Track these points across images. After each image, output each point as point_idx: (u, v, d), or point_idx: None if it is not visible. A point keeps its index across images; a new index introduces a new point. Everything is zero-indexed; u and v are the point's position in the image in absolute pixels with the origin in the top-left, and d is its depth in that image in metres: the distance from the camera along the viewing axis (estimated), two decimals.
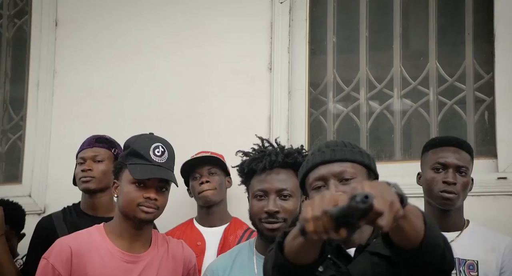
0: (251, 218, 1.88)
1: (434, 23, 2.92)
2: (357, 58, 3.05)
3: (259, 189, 1.84)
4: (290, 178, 1.85)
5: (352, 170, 1.47)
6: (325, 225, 1.09)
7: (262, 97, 3.08)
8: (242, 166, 1.90)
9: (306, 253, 1.28)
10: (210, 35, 3.21)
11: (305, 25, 3.14)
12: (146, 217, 1.94)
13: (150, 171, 1.93)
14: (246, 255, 1.91)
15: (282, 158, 1.84)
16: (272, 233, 1.79)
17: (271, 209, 1.81)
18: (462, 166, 2.12)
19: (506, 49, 2.72)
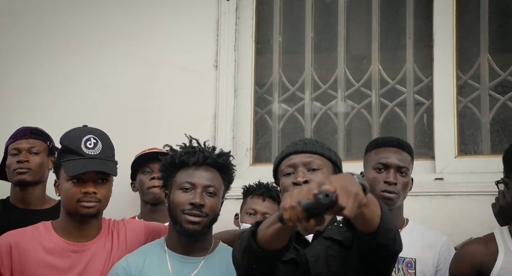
0: (172, 210, 1.87)
1: (377, 27, 2.99)
2: (302, 59, 3.09)
3: (187, 181, 1.86)
4: (217, 178, 1.89)
5: (320, 162, 1.70)
6: (298, 215, 1.29)
7: (208, 94, 3.08)
8: (172, 157, 1.89)
9: (278, 239, 1.48)
10: (156, 31, 3.18)
11: (252, 24, 3.15)
12: (88, 212, 1.91)
13: (82, 165, 1.89)
14: (157, 254, 1.90)
15: (215, 157, 1.89)
16: (192, 226, 1.83)
17: (197, 201, 1.83)
18: (403, 167, 2.18)
19: (444, 54, 2.82)
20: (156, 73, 3.14)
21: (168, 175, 1.92)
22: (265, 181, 2.66)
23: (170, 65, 3.13)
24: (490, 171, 2.45)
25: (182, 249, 1.89)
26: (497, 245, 1.83)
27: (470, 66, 2.84)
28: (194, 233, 1.84)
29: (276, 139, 3.08)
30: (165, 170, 1.93)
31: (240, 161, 3.03)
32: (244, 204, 2.64)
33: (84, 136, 1.94)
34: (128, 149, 2.86)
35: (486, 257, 1.81)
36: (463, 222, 2.51)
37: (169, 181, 1.92)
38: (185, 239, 1.87)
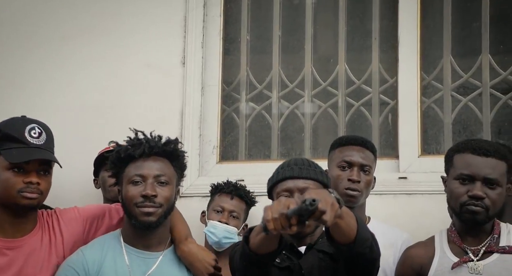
0: (125, 204, 1.86)
1: (343, 28, 3.02)
2: (270, 57, 3.10)
3: (136, 174, 1.84)
4: (167, 167, 1.88)
5: (314, 187, 1.80)
6: (282, 223, 1.46)
7: (175, 91, 3.07)
8: (118, 153, 1.88)
9: (267, 245, 1.63)
10: (121, 26, 3.15)
11: (219, 22, 3.15)
12: (29, 203, 1.83)
13: (28, 154, 1.82)
14: (113, 247, 1.87)
15: (162, 145, 1.88)
16: (148, 217, 1.81)
17: (149, 192, 1.82)
18: (366, 165, 2.23)
19: (409, 55, 2.87)
20: (121, 69, 3.10)
21: (118, 171, 1.91)
22: (234, 180, 2.68)
23: (136, 61, 3.10)
24: None
25: (139, 244, 1.88)
26: (434, 248, 1.89)
27: (433, 67, 2.90)
28: (150, 224, 1.82)
29: (243, 137, 3.09)
30: (114, 167, 1.91)
31: (206, 158, 3.03)
32: (211, 201, 2.64)
33: (28, 124, 1.87)
34: (92, 146, 2.84)
35: (424, 260, 1.87)
36: (426, 221, 2.56)
37: (119, 177, 1.91)
38: (142, 233, 1.86)
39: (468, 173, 1.83)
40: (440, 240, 1.91)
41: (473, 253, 1.82)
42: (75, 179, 2.93)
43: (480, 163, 1.82)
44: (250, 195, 2.65)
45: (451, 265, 1.82)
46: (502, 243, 1.82)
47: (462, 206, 1.83)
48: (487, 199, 1.81)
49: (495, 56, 2.82)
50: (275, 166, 2.43)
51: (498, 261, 1.79)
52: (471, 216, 1.82)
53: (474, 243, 1.84)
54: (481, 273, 1.77)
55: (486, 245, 1.82)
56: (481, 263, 1.78)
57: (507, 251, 1.79)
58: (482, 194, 1.80)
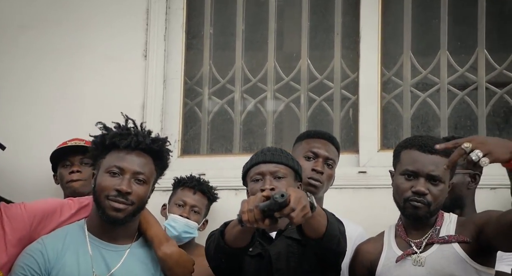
0: (96, 192, 1.78)
1: (306, 23, 3.04)
2: (233, 52, 3.10)
3: (116, 165, 1.77)
4: (148, 165, 1.81)
5: (284, 171, 1.91)
6: (255, 216, 1.57)
7: (136, 84, 3.05)
8: (103, 137, 1.80)
9: (241, 239, 1.73)
10: (81, 17, 3.10)
11: (182, 14, 3.13)
12: None
13: None
14: (76, 237, 1.79)
15: (149, 142, 1.80)
16: (116, 213, 1.75)
17: (124, 188, 1.75)
18: (331, 159, 2.30)
19: (370, 51, 2.91)
20: (81, 60, 3.06)
21: (97, 154, 1.82)
22: (196, 174, 2.67)
23: (97, 53, 3.07)
24: None
25: (105, 235, 1.80)
26: (383, 243, 1.94)
27: (393, 63, 2.94)
28: (116, 220, 1.77)
29: (205, 131, 3.08)
30: (95, 149, 1.83)
31: None
32: (173, 195, 2.63)
33: None
34: (50, 138, 2.80)
35: (373, 255, 1.93)
36: (385, 214, 2.59)
37: (97, 161, 1.82)
38: (107, 226, 1.80)
39: (412, 169, 1.87)
40: (389, 235, 1.96)
41: (416, 245, 1.87)
42: (33, 171, 2.88)
43: (425, 160, 1.86)
44: (213, 191, 2.65)
45: (396, 258, 1.87)
46: (442, 233, 1.87)
47: (405, 201, 1.88)
48: (430, 195, 1.85)
49: (453, 53, 2.88)
50: (237, 160, 2.45)
51: (437, 251, 1.84)
52: (413, 211, 1.86)
53: (418, 236, 1.88)
54: (423, 264, 1.82)
55: (428, 237, 1.87)
56: (423, 255, 1.84)
57: (447, 240, 1.85)
58: (425, 190, 1.84)
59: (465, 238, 1.83)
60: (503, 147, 1.59)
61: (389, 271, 1.88)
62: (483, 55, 2.84)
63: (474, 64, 2.85)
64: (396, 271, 1.86)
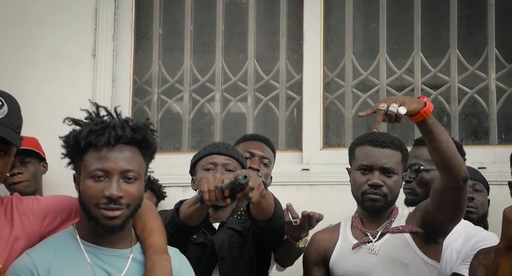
0: (83, 202, 1.54)
1: (253, 24, 3.14)
2: (182, 52, 3.17)
3: (98, 168, 1.50)
4: (136, 158, 1.54)
5: (235, 165, 2.07)
6: (216, 195, 1.68)
7: (85, 83, 3.08)
8: (76, 137, 1.52)
9: (197, 217, 1.84)
10: (29, 14, 3.10)
11: (131, 14, 3.18)
12: None
13: None
14: (67, 245, 1.56)
15: (130, 134, 1.52)
16: (112, 221, 1.51)
17: (114, 193, 1.49)
18: (266, 158, 2.41)
19: (313, 53, 3.04)
20: (29, 58, 3.07)
21: (73, 156, 1.55)
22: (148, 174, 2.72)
23: (44, 51, 3.08)
24: None
25: (102, 241, 1.56)
26: (339, 233, 2.05)
27: (336, 65, 3.08)
28: (114, 229, 1.52)
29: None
30: (70, 151, 1.56)
31: None
32: None
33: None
34: None
35: (328, 243, 2.03)
36: (326, 210, 2.72)
37: (76, 164, 1.56)
38: (104, 233, 1.55)
39: (367, 163, 1.99)
40: (344, 226, 2.07)
41: (371, 235, 1.98)
42: None
43: (377, 154, 1.99)
44: (162, 190, 2.71)
45: (351, 246, 1.98)
46: (395, 225, 2.00)
47: (363, 194, 1.98)
48: (385, 187, 1.97)
49: (391, 56, 3.04)
50: (185, 158, 2.52)
51: (390, 239, 1.97)
52: (371, 204, 1.98)
53: (373, 227, 2.00)
54: (377, 253, 1.95)
55: (383, 228, 1.99)
56: (377, 244, 1.96)
57: (400, 230, 1.98)
58: (380, 182, 1.96)
59: (417, 228, 1.96)
60: (411, 99, 1.78)
61: (343, 258, 1.98)
62: (419, 58, 3.01)
63: (411, 67, 3.02)
64: (350, 258, 1.97)
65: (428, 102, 1.79)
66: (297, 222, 1.93)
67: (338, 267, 1.98)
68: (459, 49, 2.99)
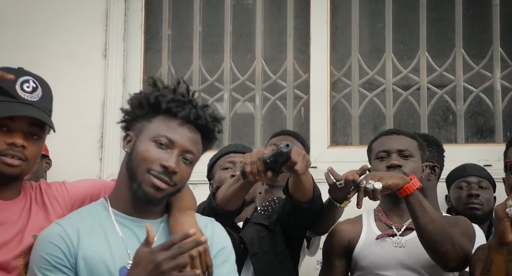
0: (134, 161, 1.45)
1: (261, 25, 3.19)
2: (190, 52, 3.22)
3: (167, 136, 1.45)
4: (198, 144, 1.51)
5: None
6: (258, 168, 1.63)
7: (96, 83, 3.13)
8: (157, 98, 1.47)
9: (235, 199, 1.81)
10: (43, 17, 3.16)
11: (141, 15, 3.23)
12: (9, 171, 1.45)
13: (15, 108, 1.46)
14: (98, 217, 1.49)
15: (209, 119, 1.49)
16: (155, 191, 1.44)
17: (172, 166, 1.43)
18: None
19: (320, 52, 3.08)
20: (42, 59, 3.10)
21: (140, 114, 1.49)
22: None
23: (55, 52, 3.13)
24: (358, 160, 2.71)
25: (134, 211, 1.49)
26: (362, 225, 2.06)
27: (342, 64, 3.12)
28: (153, 200, 1.46)
29: None
30: (138, 108, 1.49)
31: None
32: None
33: (21, 76, 1.53)
34: None
35: (352, 234, 2.04)
36: None
37: (137, 122, 1.49)
38: (139, 202, 1.48)
39: (383, 149, 2.01)
40: (368, 218, 2.07)
41: (396, 228, 1.99)
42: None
43: (392, 140, 2.03)
44: None
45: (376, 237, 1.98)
46: None
47: None
48: (404, 167, 1.97)
49: (397, 56, 3.08)
50: None
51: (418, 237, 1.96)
52: None
53: (398, 220, 2.01)
54: (404, 246, 1.95)
55: (409, 223, 1.98)
56: (404, 238, 1.97)
57: None
58: (398, 162, 1.97)
59: None
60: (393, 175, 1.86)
61: (368, 249, 1.99)
62: (425, 58, 3.05)
63: (417, 66, 3.06)
64: (376, 250, 1.96)
65: (415, 180, 1.85)
66: (342, 183, 1.89)
67: (363, 258, 1.98)
68: (464, 49, 3.03)
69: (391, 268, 1.94)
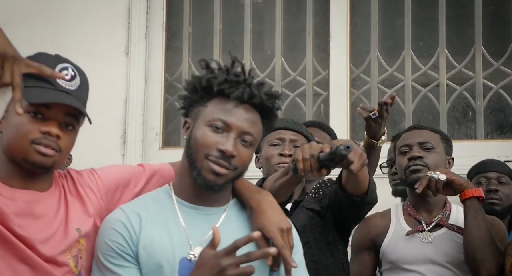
0: (192, 148, 1.41)
1: (280, 22, 3.22)
2: (211, 50, 3.26)
3: (221, 119, 1.40)
4: (257, 124, 1.44)
5: (303, 141, 1.93)
6: (311, 165, 1.45)
7: (119, 80, 3.19)
8: (209, 80, 1.42)
9: (282, 192, 1.66)
10: (67, 16, 3.22)
11: (162, 14, 3.28)
12: (42, 161, 1.37)
13: (53, 96, 1.38)
14: (162, 204, 1.45)
15: (265, 97, 1.42)
16: (215, 177, 1.39)
17: (229, 149, 1.38)
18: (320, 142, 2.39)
19: (340, 50, 3.11)
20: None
21: (195, 100, 1.44)
22: None
23: (79, 50, 3.17)
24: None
25: (198, 199, 1.45)
26: (390, 219, 2.07)
27: (361, 61, 3.15)
28: (214, 186, 1.41)
29: None
30: (193, 93, 1.45)
31: (149, 145, 3.17)
32: None
33: (60, 63, 1.47)
34: None
35: (380, 228, 2.04)
36: None
37: (194, 108, 1.44)
38: (201, 189, 1.43)
39: (404, 143, 2.03)
40: (396, 212, 2.07)
41: (426, 224, 2.00)
42: None
43: (414, 134, 2.05)
44: None
45: (405, 233, 1.99)
46: (452, 220, 2.02)
47: (405, 170, 1.99)
48: (426, 158, 1.98)
49: (416, 53, 3.10)
50: None
51: (447, 234, 1.99)
52: (414, 176, 1.96)
53: (428, 215, 2.02)
54: (431, 242, 1.97)
55: (438, 219, 1.99)
56: (431, 234, 1.97)
57: (455, 230, 2.00)
58: (418, 154, 1.98)
59: None
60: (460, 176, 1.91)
61: (396, 245, 1.97)
62: (444, 55, 3.06)
63: (436, 63, 3.08)
64: (404, 245, 1.96)
65: (479, 190, 1.90)
66: (376, 113, 1.88)
67: (391, 253, 1.99)
68: (484, 46, 3.03)
69: (419, 263, 1.95)
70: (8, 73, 1.25)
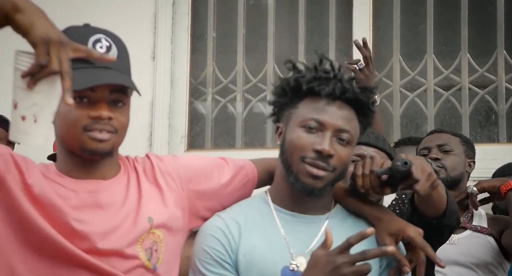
0: (286, 152, 1.34)
1: (303, 27, 3.27)
2: (234, 54, 3.32)
3: (314, 118, 1.33)
4: (353, 120, 1.36)
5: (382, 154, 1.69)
6: (371, 182, 1.31)
7: (146, 83, 3.26)
8: (297, 80, 1.35)
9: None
10: (93, 20, 3.25)
11: (187, 19, 3.35)
12: (100, 147, 1.26)
13: (93, 77, 1.25)
14: (259, 212, 1.38)
15: (358, 91, 1.35)
16: (313, 181, 1.32)
17: (326, 149, 1.30)
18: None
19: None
20: None
21: (285, 103, 1.38)
22: None
23: None
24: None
25: (297, 207, 1.38)
26: None
27: (384, 65, 3.17)
28: (313, 190, 1.33)
29: (209, 128, 3.32)
30: (282, 96, 1.38)
31: (175, 147, 3.25)
32: None
33: (91, 35, 1.33)
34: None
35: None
36: None
37: (285, 111, 1.38)
38: (299, 195, 1.36)
39: (424, 146, 2.07)
40: None
41: None
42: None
43: (433, 137, 2.09)
44: None
45: None
46: (475, 222, 2.06)
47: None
48: (443, 160, 2.01)
49: (439, 57, 3.11)
50: (239, 154, 2.67)
51: (471, 236, 2.03)
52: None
53: None
54: (455, 243, 2.00)
55: (461, 221, 2.00)
56: (455, 236, 2.00)
57: (479, 230, 2.04)
58: (437, 155, 2.01)
59: (496, 234, 2.01)
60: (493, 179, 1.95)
61: None
62: (466, 59, 3.07)
63: (458, 66, 3.08)
64: None
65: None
66: (362, 63, 1.81)
67: None
68: (505, 49, 3.04)
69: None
70: (56, 60, 1.13)
